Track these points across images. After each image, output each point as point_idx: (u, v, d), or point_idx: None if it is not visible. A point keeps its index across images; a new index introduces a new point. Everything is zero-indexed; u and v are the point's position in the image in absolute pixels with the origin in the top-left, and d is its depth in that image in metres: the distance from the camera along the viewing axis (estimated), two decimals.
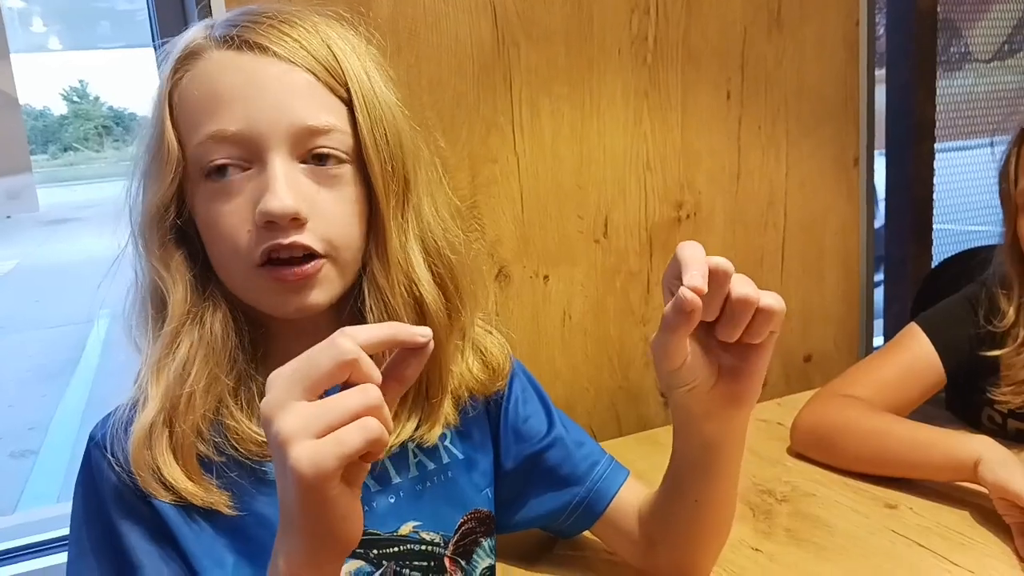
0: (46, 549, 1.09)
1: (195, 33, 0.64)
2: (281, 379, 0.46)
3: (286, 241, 0.60)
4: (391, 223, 0.65)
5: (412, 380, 0.51)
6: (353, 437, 0.45)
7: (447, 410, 0.72)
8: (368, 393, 0.46)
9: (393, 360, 0.50)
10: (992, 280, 1.11)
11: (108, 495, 0.62)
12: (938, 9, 1.60)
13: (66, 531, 0.66)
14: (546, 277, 1.24)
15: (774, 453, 1.15)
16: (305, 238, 0.60)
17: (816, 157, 1.46)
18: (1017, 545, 0.85)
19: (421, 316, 0.67)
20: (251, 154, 0.60)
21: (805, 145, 1.44)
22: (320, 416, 0.45)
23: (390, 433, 0.47)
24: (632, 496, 0.81)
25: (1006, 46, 1.87)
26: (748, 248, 1.42)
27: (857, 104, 1.49)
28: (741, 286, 0.57)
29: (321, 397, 0.46)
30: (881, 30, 1.61)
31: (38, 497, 3.19)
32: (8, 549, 1.09)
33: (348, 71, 0.63)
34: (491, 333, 0.79)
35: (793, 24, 1.39)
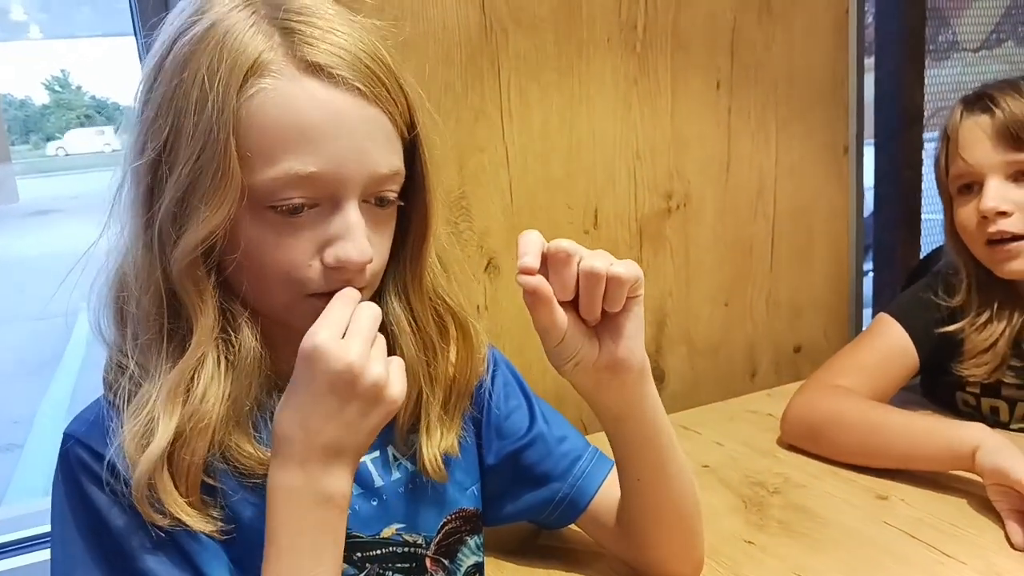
0: (32, 545, 1.08)
1: (252, 38, 0.57)
2: (340, 333, 0.56)
3: (356, 287, 0.60)
4: (431, 255, 0.69)
5: None
6: (403, 368, 0.59)
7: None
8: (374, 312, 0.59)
9: None
10: (944, 267, 1.16)
11: (104, 507, 0.59)
12: None
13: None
14: None
15: (765, 444, 1.15)
16: (364, 279, 0.62)
17: (806, 145, 1.46)
18: (1008, 531, 0.85)
19: (444, 330, 0.71)
20: (325, 193, 0.59)
21: (795, 133, 1.44)
22: (384, 357, 0.57)
23: None
24: (616, 488, 0.80)
25: (994, 35, 1.87)
26: (738, 238, 1.42)
27: (847, 92, 1.48)
28: (588, 259, 0.61)
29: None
30: (870, 18, 1.61)
31: (23, 491, 3.16)
32: None
33: (416, 115, 0.63)
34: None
35: (782, 11, 1.38)
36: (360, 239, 0.59)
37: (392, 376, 0.57)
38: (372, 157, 0.59)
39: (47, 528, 1.07)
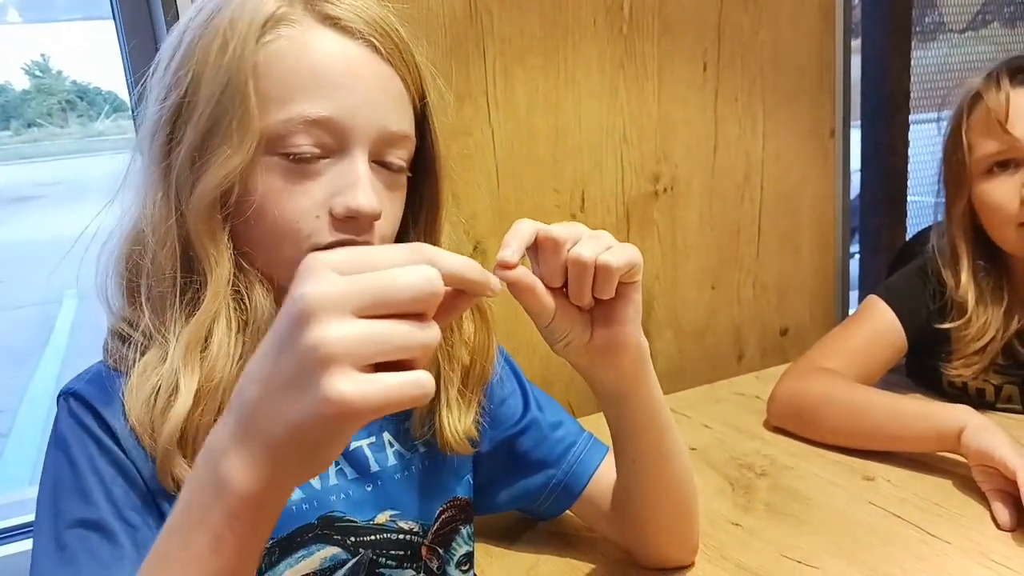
0: (17, 534, 1.07)
1: None
2: (337, 276, 0.39)
3: (360, 239, 0.60)
4: (443, 231, 0.69)
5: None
6: (404, 392, 0.38)
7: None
8: (431, 334, 0.40)
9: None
10: (933, 255, 1.13)
11: (92, 461, 0.58)
12: None
13: None
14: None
15: (752, 427, 1.16)
16: (373, 238, 0.61)
17: (792, 129, 1.45)
18: (993, 511, 0.86)
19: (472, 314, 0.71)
20: (336, 142, 0.59)
21: (781, 116, 1.44)
22: (376, 346, 0.38)
23: None
24: (611, 472, 0.80)
25: (980, 16, 1.87)
26: (725, 221, 1.41)
27: (833, 75, 1.48)
28: (578, 247, 0.59)
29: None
30: (856, 0, 1.60)
31: (8, 481, 3.14)
32: None
33: (427, 84, 0.65)
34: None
35: None
36: (368, 189, 0.59)
37: (352, 374, 0.38)
38: (384, 112, 0.61)
39: (32, 517, 1.07)
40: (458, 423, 0.70)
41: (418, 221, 0.69)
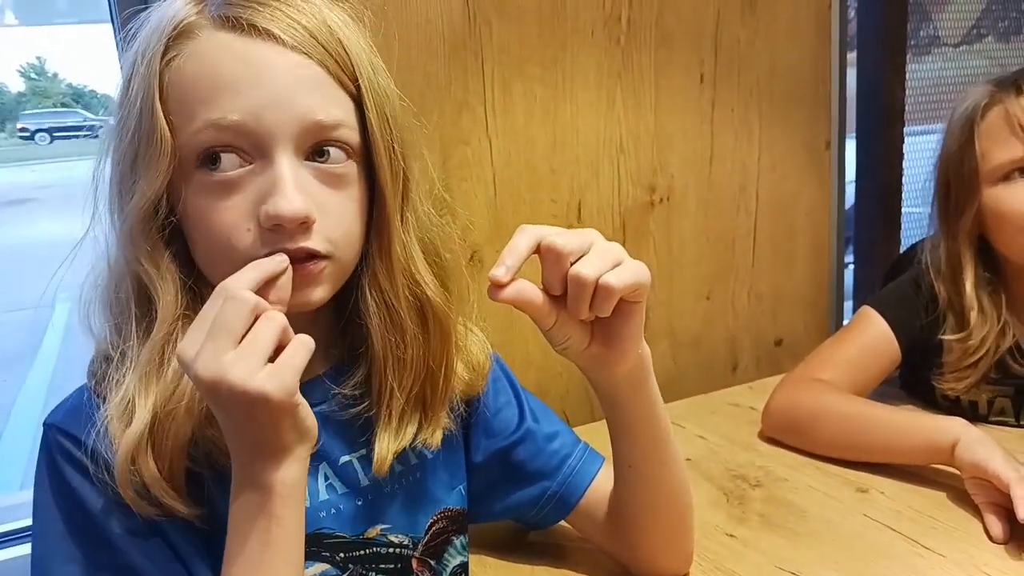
0: (10, 540, 1.06)
1: (183, 7, 0.59)
2: (200, 344, 0.51)
3: (292, 246, 0.57)
4: (395, 224, 0.64)
5: (286, 303, 0.56)
6: (297, 352, 0.53)
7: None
8: (278, 319, 0.53)
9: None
10: (927, 267, 1.12)
11: (88, 496, 0.59)
12: None
13: (30, 520, 0.62)
14: None
15: (747, 438, 1.16)
16: (312, 242, 0.58)
17: (788, 140, 1.46)
18: (987, 523, 0.86)
19: (424, 318, 0.66)
20: (253, 148, 0.57)
21: (777, 128, 1.44)
22: (257, 352, 0.51)
23: None
24: (607, 483, 0.80)
25: (974, 30, 1.88)
26: (720, 232, 1.42)
27: (829, 87, 1.49)
28: (580, 265, 0.59)
29: None
30: (853, 13, 1.61)
31: (1, 484, 3.12)
32: None
33: (357, 64, 0.61)
34: (472, 331, 0.76)
35: (766, 5, 1.38)
36: (290, 191, 0.56)
37: (263, 375, 0.51)
38: (301, 103, 0.57)
39: (27, 522, 1.06)
40: (392, 441, 0.67)
41: (372, 216, 0.65)
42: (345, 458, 0.69)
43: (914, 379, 1.22)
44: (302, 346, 0.53)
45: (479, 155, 1.18)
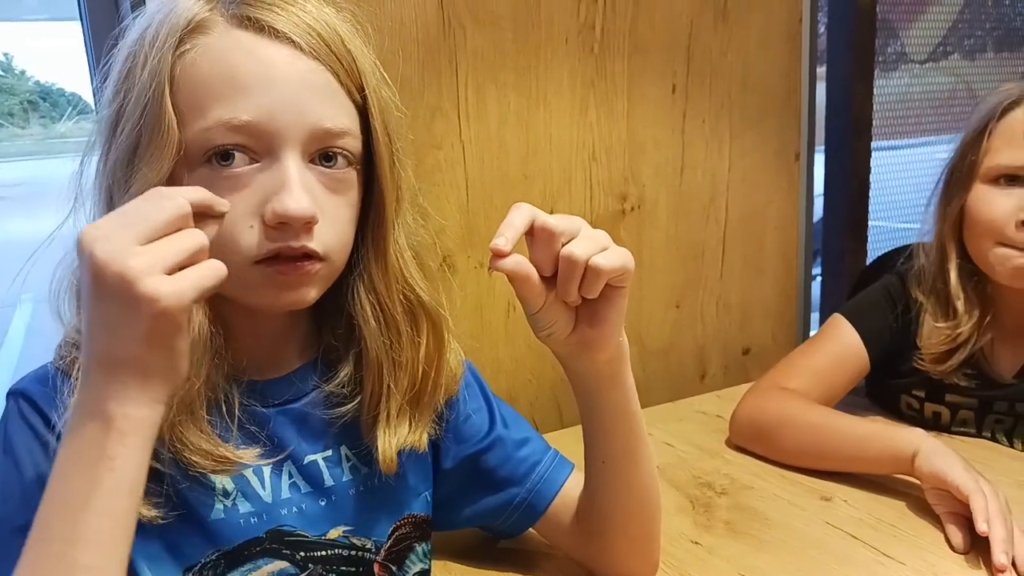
0: None
1: (195, 2, 0.59)
2: (111, 227, 0.47)
3: (296, 244, 0.58)
4: (392, 229, 0.66)
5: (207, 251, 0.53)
6: (206, 271, 0.49)
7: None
8: (198, 236, 0.49)
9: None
10: (912, 275, 1.14)
11: (40, 460, 0.58)
12: (877, 9, 1.63)
13: None
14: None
15: (713, 445, 1.16)
16: (313, 243, 0.59)
17: (758, 151, 1.48)
18: (947, 533, 0.87)
19: (415, 321, 0.68)
20: (262, 147, 0.58)
21: (747, 139, 1.46)
22: (167, 255, 0.47)
23: None
24: (576, 490, 0.80)
25: (940, 48, 1.92)
26: (690, 242, 1.43)
27: (799, 99, 1.51)
28: (572, 245, 0.60)
29: None
30: (822, 27, 1.64)
31: None
32: None
33: (365, 75, 0.63)
34: None
35: (738, 17, 1.40)
36: (298, 191, 0.57)
37: (160, 277, 0.47)
38: (312, 110, 0.59)
39: None
40: (392, 439, 0.68)
41: (367, 221, 0.66)
42: (311, 457, 0.69)
43: (880, 390, 1.23)
44: (213, 269, 0.49)
45: (452, 160, 1.18)
